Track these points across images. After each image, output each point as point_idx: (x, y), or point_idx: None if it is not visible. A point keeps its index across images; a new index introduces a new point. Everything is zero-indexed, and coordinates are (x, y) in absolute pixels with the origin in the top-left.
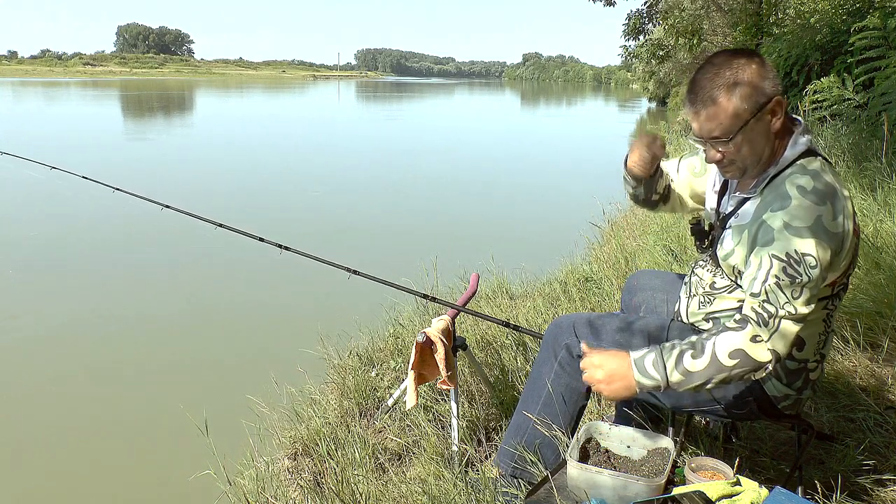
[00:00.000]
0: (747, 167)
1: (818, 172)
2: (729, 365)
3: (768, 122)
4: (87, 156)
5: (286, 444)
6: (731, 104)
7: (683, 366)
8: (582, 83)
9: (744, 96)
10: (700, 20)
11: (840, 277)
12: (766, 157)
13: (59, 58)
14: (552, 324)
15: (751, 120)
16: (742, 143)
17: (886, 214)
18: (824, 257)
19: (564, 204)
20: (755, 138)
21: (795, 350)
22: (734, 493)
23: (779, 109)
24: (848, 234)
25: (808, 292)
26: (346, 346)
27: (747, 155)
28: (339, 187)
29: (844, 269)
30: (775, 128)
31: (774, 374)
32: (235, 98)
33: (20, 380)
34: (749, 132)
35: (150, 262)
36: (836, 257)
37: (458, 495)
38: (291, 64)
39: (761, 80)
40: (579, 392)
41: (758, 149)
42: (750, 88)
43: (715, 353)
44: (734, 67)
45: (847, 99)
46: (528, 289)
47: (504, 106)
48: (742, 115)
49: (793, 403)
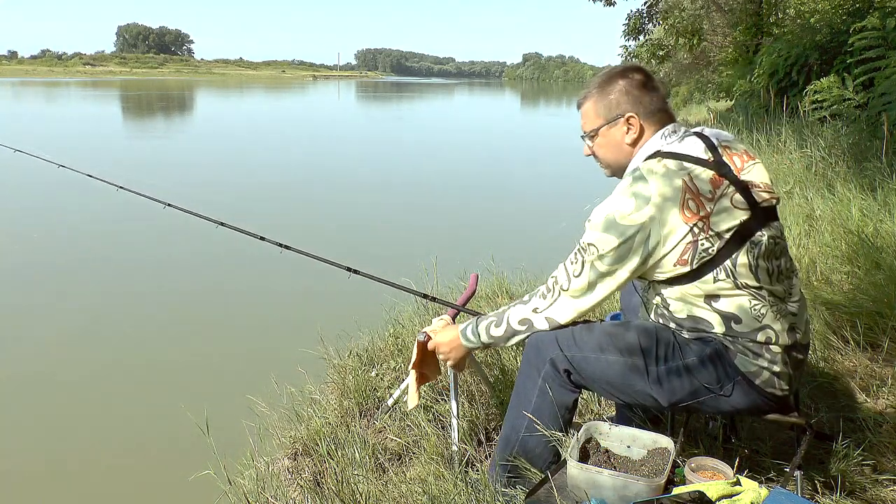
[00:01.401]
0: (612, 169)
1: (641, 170)
2: (519, 329)
3: (623, 132)
4: (91, 154)
5: (286, 444)
6: (594, 106)
7: (489, 332)
8: (582, 83)
9: (606, 102)
10: (700, 20)
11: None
12: (623, 162)
13: (59, 58)
14: (532, 337)
15: (606, 125)
16: (602, 144)
17: (886, 214)
18: (608, 246)
19: (564, 204)
20: (612, 142)
21: (733, 323)
22: (734, 493)
23: (634, 122)
24: (652, 225)
25: (590, 275)
26: (346, 346)
27: (606, 156)
28: (340, 187)
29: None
30: (630, 139)
31: (739, 350)
32: (235, 98)
33: (20, 380)
34: (607, 134)
35: (151, 261)
36: (632, 250)
37: (458, 495)
38: (291, 64)
39: (623, 95)
40: (566, 406)
41: (612, 153)
42: (615, 98)
43: (509, 321)
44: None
45: (847, 99)
46: (528, 289)
47: (504, 106)
48: (601, 117)
49: (769, 380)
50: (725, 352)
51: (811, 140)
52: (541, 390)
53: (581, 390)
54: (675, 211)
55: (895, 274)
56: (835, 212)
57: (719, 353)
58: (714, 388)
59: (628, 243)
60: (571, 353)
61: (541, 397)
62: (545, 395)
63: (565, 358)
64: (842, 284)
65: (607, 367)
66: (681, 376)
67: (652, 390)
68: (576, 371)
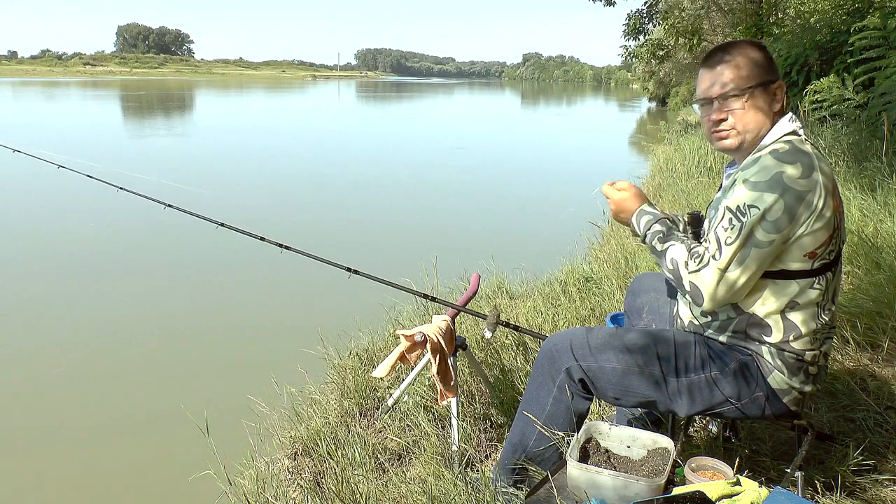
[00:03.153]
0: (745, 139)
1: (793, 142)
2: (668, 266)
3: (772, 99)
4: (91, 154)
5: (286, 444)
6: (748, 66)
7: (653, 239)
8: (582, 83)
9: (759, 65)
10: (700, 20)
11: (819, 249)
12: (762, 132)
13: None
14: (546, 346)
15: (760, 85)
16: (748, 107)
17: (886, 214)
18: (776, 210)
19: (564, 204)
20: (759, 106)
21: (793, 336)
22: (734, 493)
23: (781, 94)
24: (819, 191)
25: (741, 242)
26: (346, 346)
27: (749, 122)
28: (340, 187)
29: (824, 242)
30: (775, 108)
31: (776, 366)
32: (235, 98)
33: (20, 380)
34: (755, 98)
35: (151, 261)
36: (797, 214)
37: (458, 495)
38: (291, 64)
39: (771, 64)
40: (580, 413)
41: (758, 119)
42: (765, 63)
43: (667, 252)
44: (751, 46)
45: (847, 99)
46: (528, 289)
47: (504, 106)
48: (754, 77)
49: (795, 399)
50: (757, 367)
51: (811, 140)
52: (556, 399)
53: (594, 398)
54: (829, 193)
55: (895, 274)
56: None
57: (748, 367)
58: (734, 401)
59: (796, 205)
60: (587, 363)
61: (555, 405)
62: (560, 402)
63: (580, 368)
64: (842, 284)
65: (623, 378)
66: (700, 389)
67: (670, 402)
68: (591, 380)
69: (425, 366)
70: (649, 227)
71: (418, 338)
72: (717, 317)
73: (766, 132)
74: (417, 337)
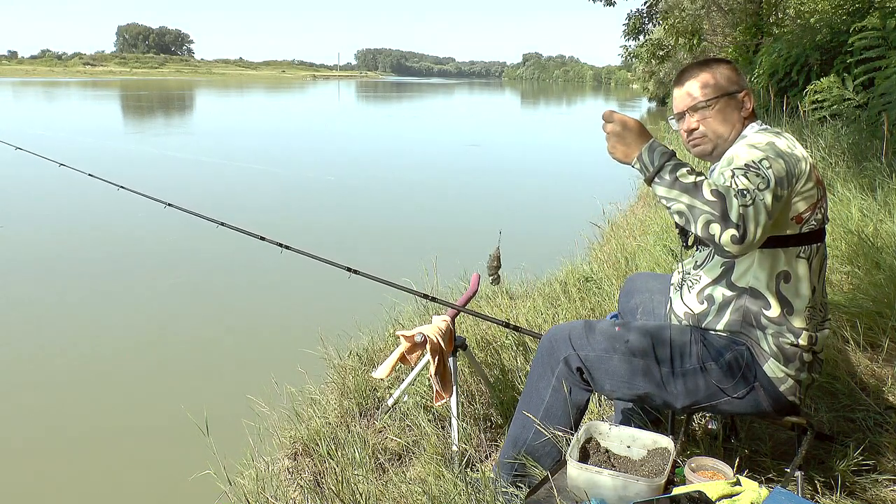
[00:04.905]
0: (717, 144)
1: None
2: (710, 199)
3: (740, 106)
4: (92, 154)
5: (286, 444)
6: (714, 79)
7: (676, 174)
8: (582, 83)
9: (725, 77)
10: (700, 20)
11: (806, 214)
12: (732, 136)
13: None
14: (546, 337)
15: (726, 95)
16: (716, 115)
17: (886, 214)
18: (779, 168)
19: (564, 204)
20: (727, 114)
21: (787, 311)
22: (734, 493)
23: (750, 101)
24: (804, 159)
25: (767, 184)
26: (346, 346)
27: (717, 128)
28: (340, 187)
29: (810, 207)
30: (744, 114)
31: (772, 353)
32: (236, 98)
33: (19, 380)
34: (723, 107)
35: (151, 261)
36: (793, 175)
37: (458, 495)
38: (291, 64)
39: (738, 76)
40: (578, 406)
41: (727, 126)
42: (731, 75)
43: (701, 186)
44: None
45: (847, 99)
46: (528, 289)
47: (504, 106)
48: (720, 89)
49: (791, 387)
50: (752, 357)
51: (811, 140)
52: (554, 389)
53: (593, 391)
54: (811, 166)
55: (895, 274)
56: (835, 212)
57: (743, 358)
58: (729, 393)
59: (792, 167)
60: (584, 352)
61: (553, 396)
62: (558, 393)
63: (578, 357)
64: (842, 284)
65: (618, 368)
66: (696, 381)
67: (666, 395)
68: (588, 370)
69: (425, 366)
70: (668, 159)
71: (418, 339)
72: (715, 300)
73: (735, 136)
74: (417, 338)
